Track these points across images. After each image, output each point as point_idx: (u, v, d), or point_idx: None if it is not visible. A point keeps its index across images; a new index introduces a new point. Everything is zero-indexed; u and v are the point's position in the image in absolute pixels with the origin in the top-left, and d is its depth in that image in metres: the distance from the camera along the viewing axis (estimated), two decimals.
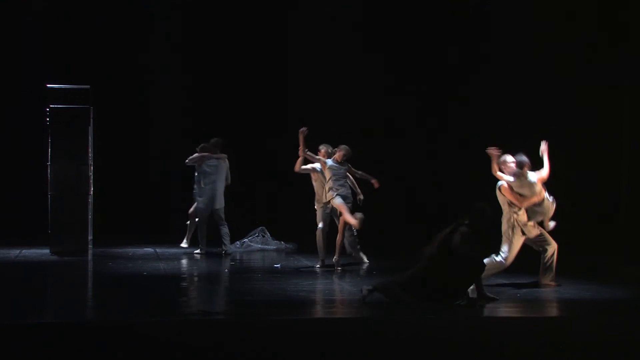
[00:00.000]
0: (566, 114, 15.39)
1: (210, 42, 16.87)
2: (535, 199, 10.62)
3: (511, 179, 10.58)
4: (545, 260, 10.78)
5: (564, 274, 10.99)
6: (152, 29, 16.94)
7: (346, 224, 12.37)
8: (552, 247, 10.77)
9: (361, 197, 12.76)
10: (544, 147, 10.84)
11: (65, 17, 16.47)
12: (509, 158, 10.76)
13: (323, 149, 12.62)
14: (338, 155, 12.41)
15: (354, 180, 12.75)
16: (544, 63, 15.44)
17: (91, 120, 13.96)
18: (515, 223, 10.61)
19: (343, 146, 12.45)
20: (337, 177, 12.36)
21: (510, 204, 10.61)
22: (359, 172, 12.65)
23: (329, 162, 12.41)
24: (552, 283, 10.78)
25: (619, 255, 14.08)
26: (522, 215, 10.62)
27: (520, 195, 10.59)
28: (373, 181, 12.57)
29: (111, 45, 16.56)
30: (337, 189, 12.31)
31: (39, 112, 14.28)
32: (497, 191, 10.72)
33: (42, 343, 7.80)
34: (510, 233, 10.62)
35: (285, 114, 16.68)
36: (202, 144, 14.06)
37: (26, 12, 16.42)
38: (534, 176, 10.60)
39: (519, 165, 10.60)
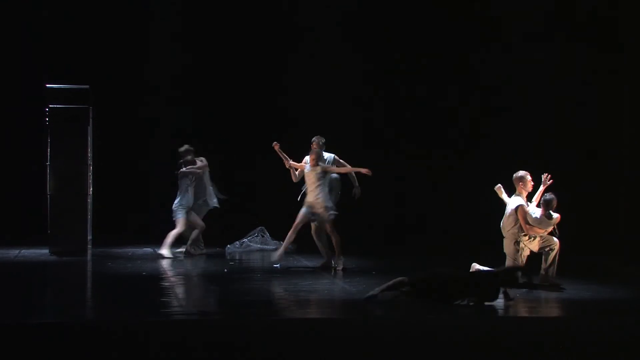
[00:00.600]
0: (565, 115, 15.42)
1: (211, 42, 16.85)
2: (541, 232, 10.72)
3: (537, 215, 10.65)
4: (549, 258, 10.80)
5: (564, 274, 10.99)
6: (152, 28, 16.93)
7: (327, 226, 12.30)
8: (557, 245, 10.83)
9: (357, 191, 12.64)
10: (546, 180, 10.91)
11: (65, 17, 16.46)
12: (528, 176, 10.82)
13: (315, 141, 12.55)
14: (310, 160, 12.27)
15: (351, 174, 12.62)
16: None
17: (90, 120, 13.97)
18: (523, 244, 10.69)
19: (313, 149, 12.33)
20: (308, 182, 12.25)
21: (520, 227, 10.68)
22: (342, 169, 12.46)
23: (307, 167, 12.33)
24: (555, 282, 10.79)
25: (619, 255, 14.09)
26: (525, 237, 10.78)
27: (530, 224, 10.71)
28: (364, 171, 12.37)
29: (111, 45, 16.55)
30: (306, 195, 12.22)
31: (39, 112, 14.28)
32: (512, 209, 10.72)
33: (42, 343, 7.79)
34: (518, 257, 10.71)
35: (285, 114, 16.66)
36: (185, 158, 13.95)
37: (29, 13, 16.41)
38: (555, 215, 10.69)
39: (548, 205, 10.65)
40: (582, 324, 8.89)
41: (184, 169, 13.88)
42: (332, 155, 12.61)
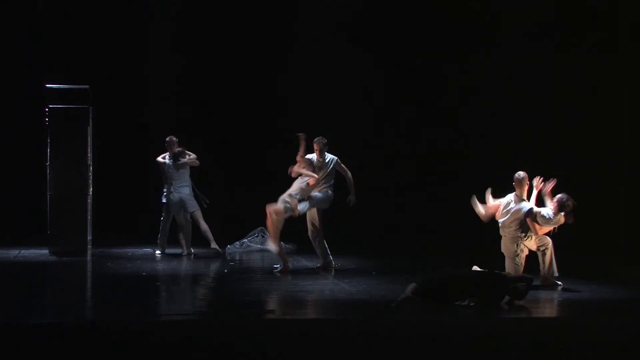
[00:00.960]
0: (565, 115, 15.41)
1: (211, 42, 16.84)
2: (546, 230, 10.84)
3: (550, 214, 10.67)
4: (547, 259, 10.82)
5: (564, 274, 10.99)
6: (152, 28, 16.92)
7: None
8: (550, 244, 10.85)
9: (352, 198, 12.57)
10: (537, 184, 10.97)
11: (65, 17, 16.46)
12: (527, 177, 10.90)
13: (316, 142, 12.49)
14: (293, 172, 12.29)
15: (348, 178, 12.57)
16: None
17: (90, 120, 13.96)
18: (522, 245, 10.72)
19: (298, 164, 12.26)
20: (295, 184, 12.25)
21: (523, 229, 10.71)
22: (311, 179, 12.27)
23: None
24: (555, 282, 10.79)
25: (619, 255, 14.09)
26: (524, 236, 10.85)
27: (540, 224, 10.78)
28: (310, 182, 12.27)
29: (111, 45, 16.55)
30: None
31: (39, 112, 14.28)
32: (523, 213, 10.73)
33: (42, 343, 7.79)
34: (517, 258, 10.76)
35: (285, 114, 16.66)
36: (177, 149, 13.92)
37: (28, 12, 16.41)
38: (562, 215, 10.77)
39: (563, 207, 10.70)
40: (582, 324, 8.88)
41: (182, 160, 13.85)
42: (335, 157, 12.52)
